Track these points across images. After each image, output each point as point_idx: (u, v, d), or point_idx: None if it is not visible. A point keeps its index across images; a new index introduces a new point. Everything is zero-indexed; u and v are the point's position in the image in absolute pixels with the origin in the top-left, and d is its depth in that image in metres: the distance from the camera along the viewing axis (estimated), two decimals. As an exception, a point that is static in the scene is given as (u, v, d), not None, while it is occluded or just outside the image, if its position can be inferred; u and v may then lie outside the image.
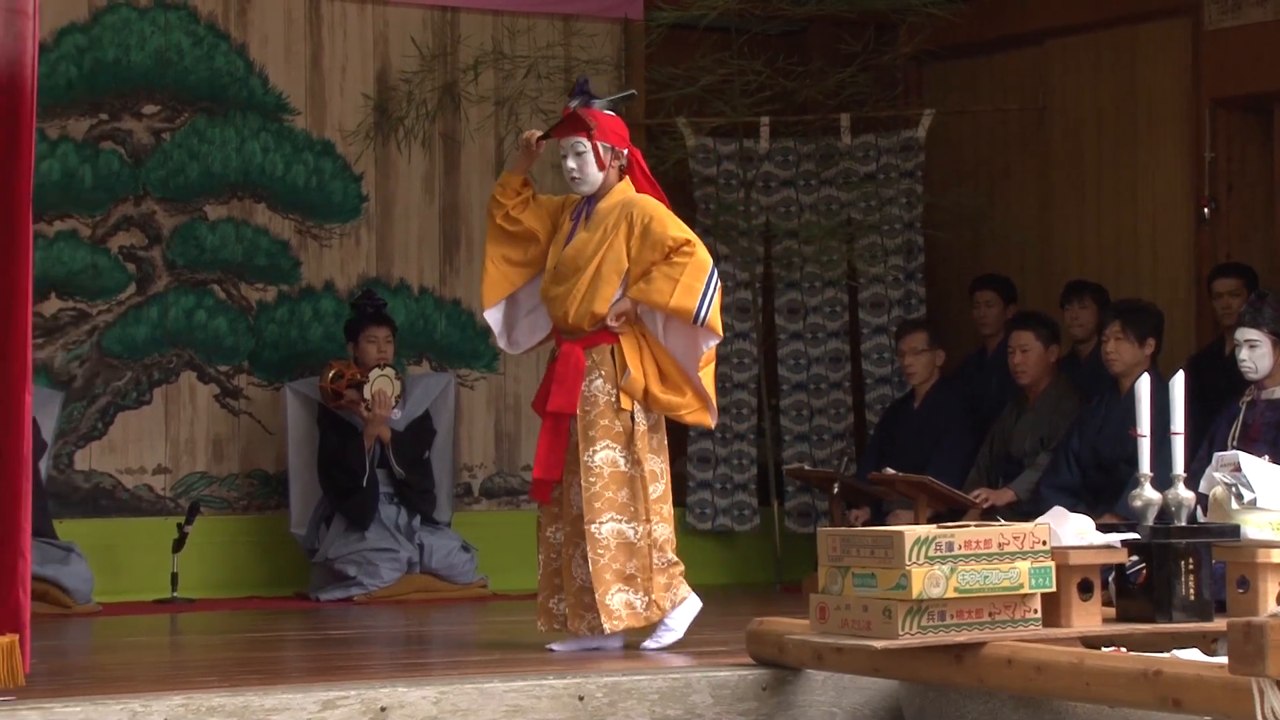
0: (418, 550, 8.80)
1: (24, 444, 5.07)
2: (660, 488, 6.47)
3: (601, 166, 6.47)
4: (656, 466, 6.47)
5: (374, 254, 9.49)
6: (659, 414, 6.50)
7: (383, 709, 5.24)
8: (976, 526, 5.20)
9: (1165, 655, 4.95)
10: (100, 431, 8.97)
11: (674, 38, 9.70)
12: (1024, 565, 5.12)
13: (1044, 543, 5.18)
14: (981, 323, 9.49)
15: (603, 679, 5.51)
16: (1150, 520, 5.44)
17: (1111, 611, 5.47)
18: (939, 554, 5.03)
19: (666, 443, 6.54)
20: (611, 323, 6.42)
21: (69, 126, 8.90)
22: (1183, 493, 5.45)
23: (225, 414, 9.18)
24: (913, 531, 5.07)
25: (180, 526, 8.68)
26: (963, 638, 5.07)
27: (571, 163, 6.49)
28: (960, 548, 5.06)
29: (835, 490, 8.84)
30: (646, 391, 6.44)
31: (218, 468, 9.15)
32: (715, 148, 9.90)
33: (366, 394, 8.83)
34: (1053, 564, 5.18)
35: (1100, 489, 7.95)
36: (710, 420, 6.61)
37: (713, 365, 6.53)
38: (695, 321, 6.36)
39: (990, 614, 5.11)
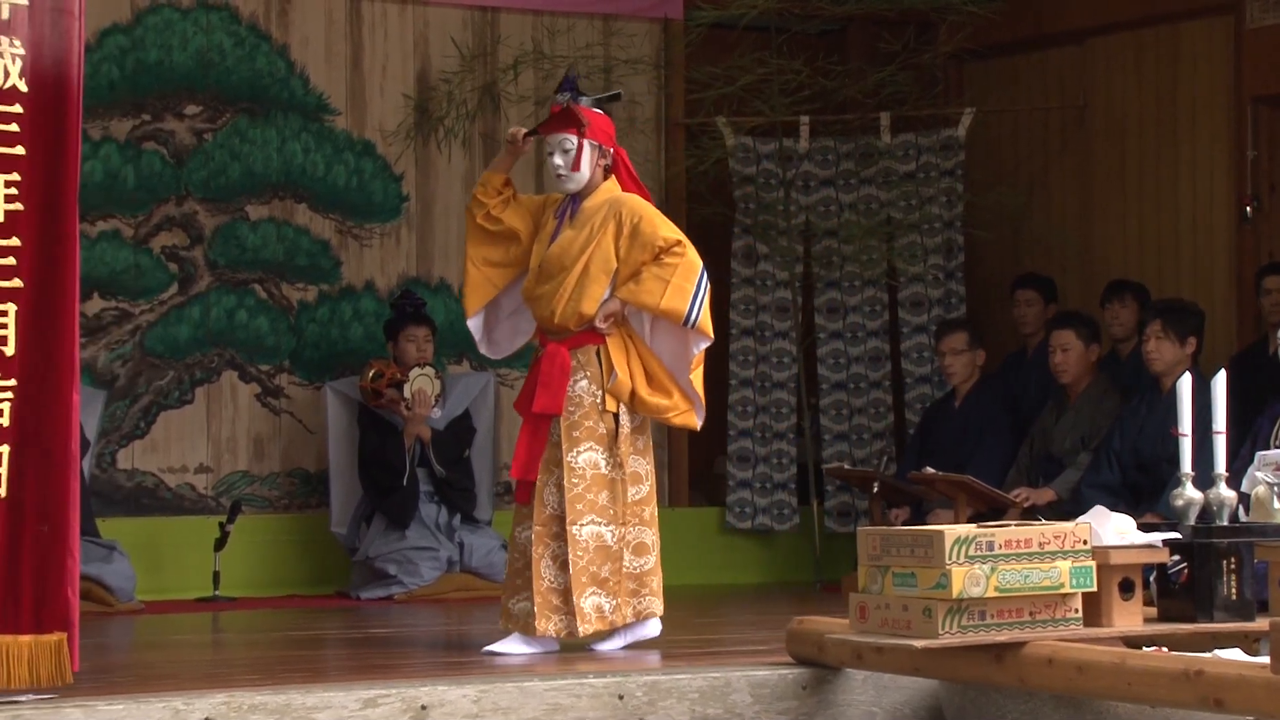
0: (458, 549, 8.82)
1: (72, 443, 5.08)
2: (644, 490, 6.40)
3: (590, 165, 6.39)
4: (641, 469, 6.40)
5: (414, 253, 9.52)
6: (645, 416, 6.42)
7: (423, 707, 5.25)
8: (1017, 526, 5.21)
9: (1207, 655, 4.94)
10: (143, 431, 9.02)
11: (713, 37, 9.73)
12: (1065, 565, 5.12)
13: (1085, 542, 5.17)
14: (1022, 322, 9.48)
15: (643, 678, 5.53)
16: (1192, 520, 5.43)
17: (1153, 611, 5.47)
18: (979, 553, 5.03)
19: (651, 444, 6.48)
20: (600, 324, 6.33)
21: (111, 127, 8.95)
22: (1224, 492, 5.43)
23: (266, 413, 9.22)
24: (953, 531, 5.07)
25: (222, 525, 8.73)
26: (1003, 637, 5.07)
27: (559, 160, 6.40)
28: (1001, 547, 5.06)
29: (875, 489, 8.84)
30: (633, 394, 6.35)
31: (259, 467, 9.20)
32: (755, 147, 9.91)
33: (407, 393, 8.86)
34: (1094, 563, 5.18)
35: (1141, 488, 7.94)
36: (697, 422, 6.53)
37: (701, 367, 6.45)
38: (686, 324, 6.29)
39: (1031, 613, 5.11)
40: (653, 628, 6.44)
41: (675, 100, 9.97)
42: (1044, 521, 5.37)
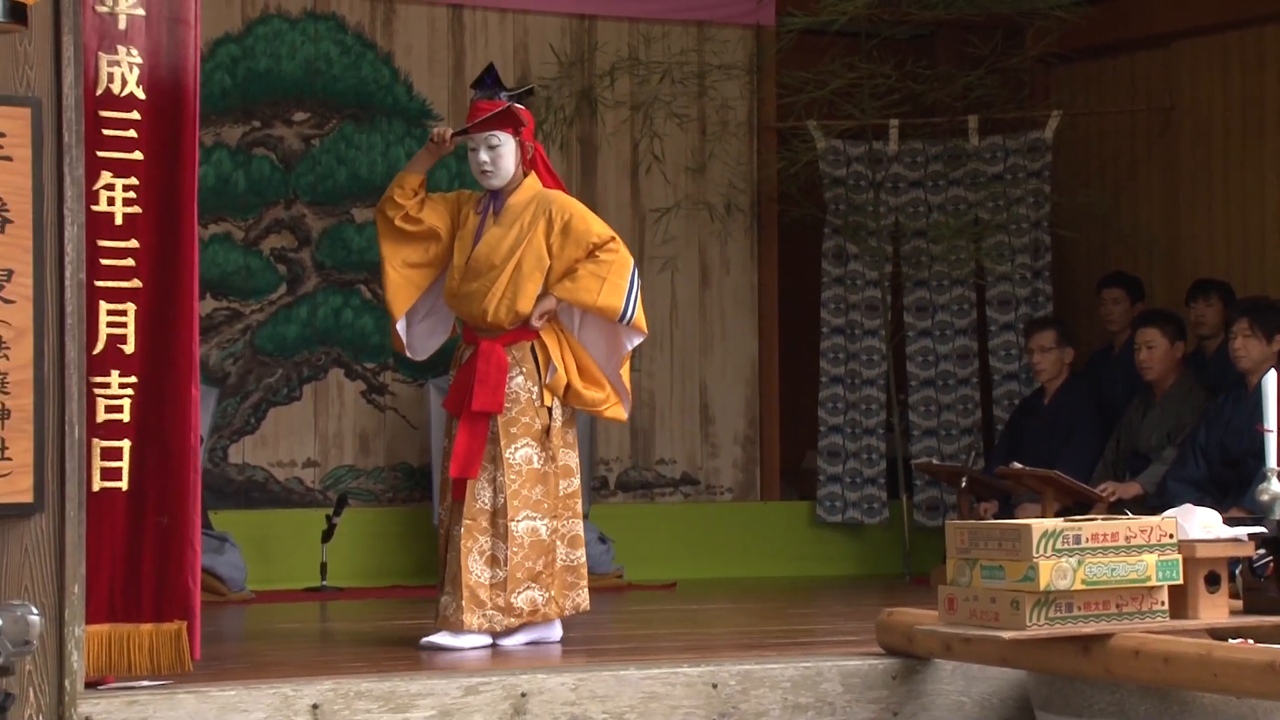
0: (556, 542, 8.95)
1: (191, 437, 5.14)
2: (575, 483, 6.30)
3: (515, 162, 6.26)
4: (571, 461, 6.29)
5: (513, 254, 9.63)
6: (575, 409, 6.33)
7: (523, 695, 5.30)
8: (1104, 520, 5.19)
9: (1291, 647, 4.92)
10: (253, 426, 9.17)
11: (805, 43, 9.77)
12: (1151, 558, 5.12)
13: (1171, 536, 5.17)
14: (1108, 320, 9.48)
15: (736, 667, 5.56)
16: (1277, 514, 5.43)
17: (1238, 604, 5.46)
18: (1066, 547, 5.03)
19: (577, 437, 6.39)
20: (535, 322, 6.22)
21: (223, 133, 9.11)
22: (1310, 487, 5.45)
23: (371, 409, 9.34)
24: (1040, 524, 5.07)
25: (329, 517, 8.84)
26: (1090, 629, 5.07)
27: (484, 156, 6.24)
28: (1087, 540, 5.05)
29: (963, 484, 8.85)
30: (568, 388, 6.25)
31: (364, 461, 9.31)
32: (845, 150, 9.96)
33: (506, 390, 8.95)
34: (1180, 557, 5.17)
35: (1227, 483, 7.94)
36: (625, 414, 6.43)
37: (628, 363, 6.38)
38: (621, 320, 6.21)
39: (1117, 606, 5.11)
40: (556, 631, 6.35)
41: (767, 104, 10.02)
42: (1130, 516, 5.35)
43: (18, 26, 4.33)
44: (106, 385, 5.10)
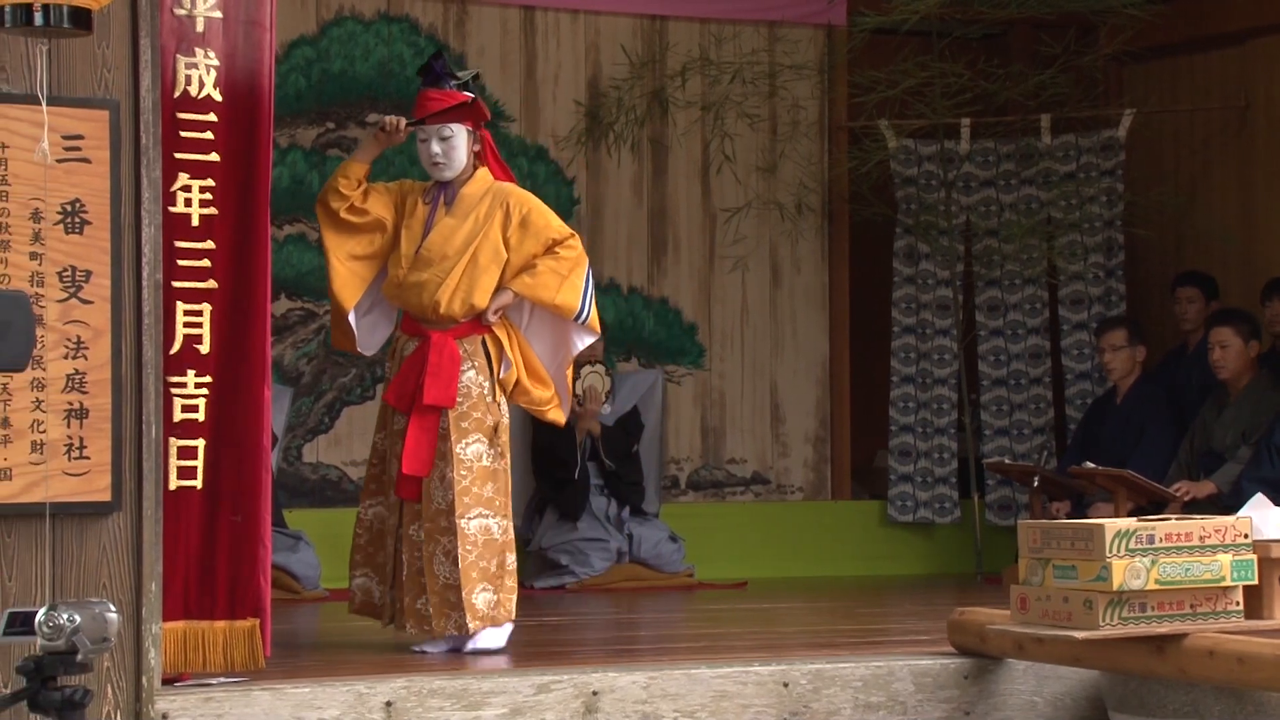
0: (627, 540, 8.94)
1: (264, 436, 5.17)
2: (510, 483, 6.15)
3: (467, 152, 6.13)
4: (508, 460, 6.15)
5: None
6: (518, 407, 6.19)
7: (594, 693, 5.32)
8: (1177, 519, 5.19)
9: (1367, 647, 4.89)
10: (326, 426, 9.21)
11: (876, 42, 9.76)
12: (1225, 558, 5.11)
13: (1246, 535, 5.15)
14: (1183, 319, 9.43)
15: (807, 666, 5.57)
16: None
17: None
18: (1140, 546, 5.03)
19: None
20: (490, 316, 6.06)
21: (298, 135, 9.17)
22: (1384, 487, 5.47)
23: (443, 409, 9.44)
24: (1113, 524, 5.06)
25: (401, 517, 8.94)
26: (1164, 629, 5.06)
27: (436, 148, 6.10)
28: (1161, 540, 5.05)
29: (1036, 484, 8.82)
30: (517, 384, 6.11)
31: (435, 460, 9.41)
32: (916, 149, 9.96)
33: (578, 390, 8.91)
34: (1255, 557, 5.15)
35: (1302, 484, 7.95)
36: (564, 417, 6.31)
37: (571, 365, 6.27)
38: (576, 319, 6.10)
39: (1191, 606, 5.10)
40: (505, 635, 6.12)
41: (838, 104, 10.03)
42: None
43: (83, 33, 4.37)
44: (183, 385, 5.14)
